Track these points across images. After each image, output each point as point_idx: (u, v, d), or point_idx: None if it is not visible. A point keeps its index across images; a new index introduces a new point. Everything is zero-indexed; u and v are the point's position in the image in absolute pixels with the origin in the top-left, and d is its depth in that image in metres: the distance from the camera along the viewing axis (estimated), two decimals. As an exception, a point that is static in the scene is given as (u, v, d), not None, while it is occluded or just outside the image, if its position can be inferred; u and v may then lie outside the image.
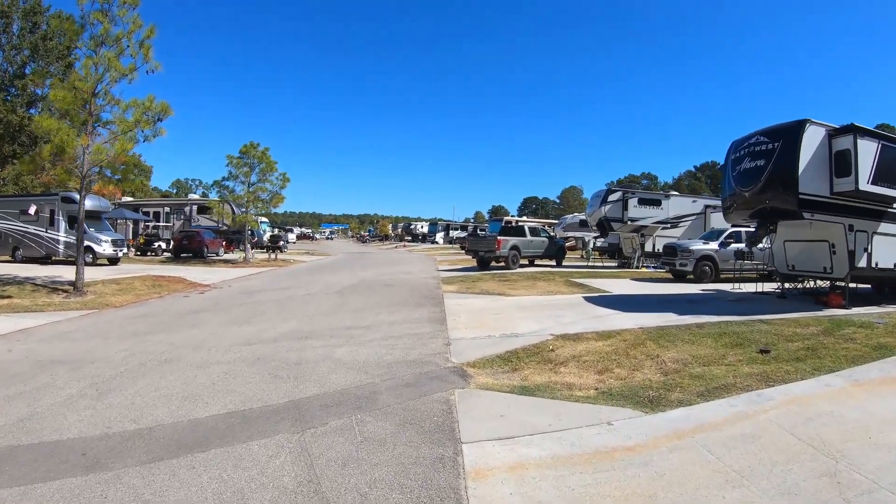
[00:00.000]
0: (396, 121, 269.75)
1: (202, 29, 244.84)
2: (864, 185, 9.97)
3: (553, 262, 24.54)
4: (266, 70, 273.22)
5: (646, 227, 23.26)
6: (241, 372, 6.42)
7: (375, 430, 4.55)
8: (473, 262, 23.37)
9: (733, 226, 17.15)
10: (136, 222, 33.47)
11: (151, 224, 34.80)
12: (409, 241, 65.43)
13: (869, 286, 13.16)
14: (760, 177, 10.49)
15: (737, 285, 15.05)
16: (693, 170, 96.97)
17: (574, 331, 8.60)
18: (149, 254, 28.87)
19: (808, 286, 13.39)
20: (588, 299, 12.47)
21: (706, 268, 17.09)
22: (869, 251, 10.84)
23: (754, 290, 13.93)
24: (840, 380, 5.85)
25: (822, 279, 12.31)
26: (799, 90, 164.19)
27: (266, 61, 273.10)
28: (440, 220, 74.49)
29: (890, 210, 10.99)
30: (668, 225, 23.54)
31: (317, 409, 5.11)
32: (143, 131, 12.97)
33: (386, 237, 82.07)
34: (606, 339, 8.06)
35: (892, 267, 11.32)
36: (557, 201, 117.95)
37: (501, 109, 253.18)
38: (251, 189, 26.32)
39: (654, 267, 22.88)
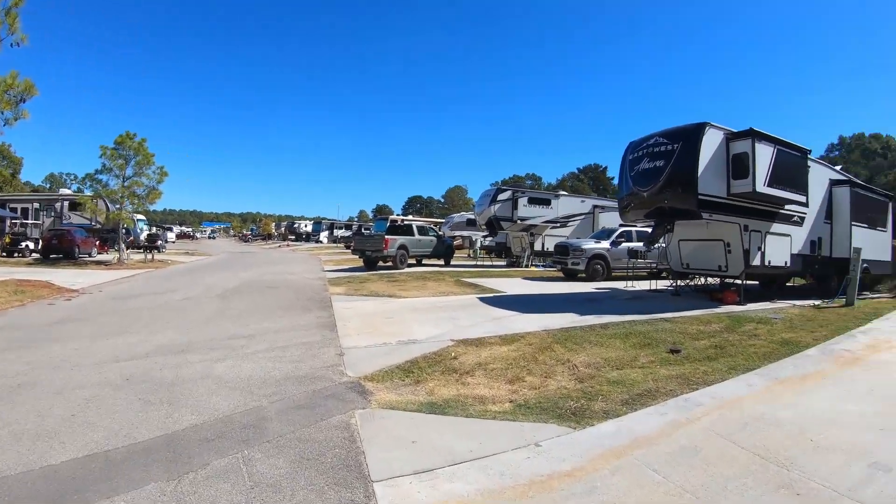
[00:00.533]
0: (279, 117, 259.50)
1: (80, 16, 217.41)
2: (761, 188, 10.67)
3: (441, 262, 24.56)
4: (145, 60, 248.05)
5: (535, 226, 23.95)
6: (107, 398, 5.36)
7: (267, 470, 3.75)
8: (360, 262, 22.87)
9: (622, 225, 17.99)
10: (1, 220, 30.07)
11: (19, 222, 32.09)
12: (292, 241, 64.89)
13: (756, 283, 14.30)
14: (660, 177, 10.87)
15: (629, 283, 15.71)
16: (576, 171, 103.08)
17: (475, 335, 8.20)
18: (16, 255, 26.20)
19: (699, 284, 14.26)
20: (483, 300, 12.25)
21: (598, 266, 17.74)
22: (762, 250, 11.73)
23: (648, 288, 14.60)
24: (760, 378, 5.92)
25: (716, 277, 13.13)
26: (693, 96, 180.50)
27: (144, 50, 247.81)
28: (324, 218, 75.14)
29: (781, 211, 11.96)
30: (558, 224, 24.39)
31: (195, 444, 4.21)
32: (2, 113, 11.58)
33: (269, 236, 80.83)
34: (510, 343, 7.72)
35: (782, 265, 12.37)
36: (442, 201, 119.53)
37: (385, 107, 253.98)
38: (126, 184, 24.77)
39: (543, 266, 23.61)
